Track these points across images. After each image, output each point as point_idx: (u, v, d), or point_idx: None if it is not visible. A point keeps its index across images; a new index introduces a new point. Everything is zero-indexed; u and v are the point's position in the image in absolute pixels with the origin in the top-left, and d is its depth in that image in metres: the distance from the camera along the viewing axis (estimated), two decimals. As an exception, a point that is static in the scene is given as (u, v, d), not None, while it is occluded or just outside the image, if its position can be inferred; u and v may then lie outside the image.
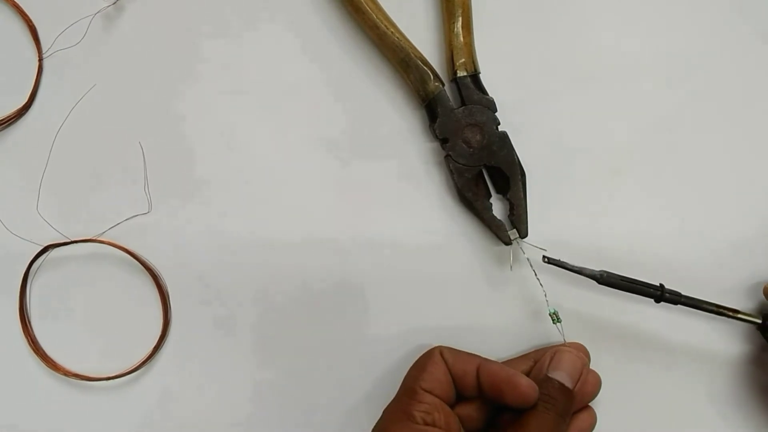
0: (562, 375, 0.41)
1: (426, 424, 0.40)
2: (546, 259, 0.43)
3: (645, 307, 0.45)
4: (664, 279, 0.44)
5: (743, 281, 0.45)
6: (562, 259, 0.43)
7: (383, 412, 0.42)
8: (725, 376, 0.46)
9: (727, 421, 0.46)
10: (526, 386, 0.40)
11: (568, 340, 0.44)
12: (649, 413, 0.46)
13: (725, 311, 0.43)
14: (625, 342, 0.46)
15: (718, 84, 0.46)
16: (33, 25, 0.46)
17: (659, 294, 0.43)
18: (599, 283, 0.42)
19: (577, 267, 0.43)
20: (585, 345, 0.45)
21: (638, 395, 0.46)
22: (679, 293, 0.43)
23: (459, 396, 0.42)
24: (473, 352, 0.43)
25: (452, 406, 0.42)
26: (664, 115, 0.46)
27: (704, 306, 0.43)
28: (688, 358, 0.46)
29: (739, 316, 0.43)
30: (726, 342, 0.46)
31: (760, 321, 0.43)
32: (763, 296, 0.44)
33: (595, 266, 0.43)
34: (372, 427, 0.42)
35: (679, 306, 0.43)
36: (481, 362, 0.42)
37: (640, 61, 0.46)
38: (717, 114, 0.46)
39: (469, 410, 0.42)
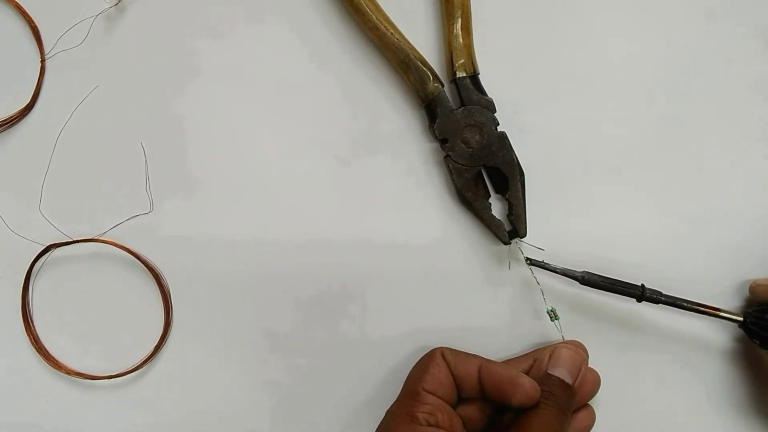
0: (561, 371, 0.41)
1: (429, 425, 0.39)
2: (528, 261, 0.44)
3: (643, 304, 0.45)
4: (662, 278, 0.44)
5: (735, 279, 0.45)
6: (545, 261, 0.44)
7: (386, 413, 0.42)
8: (721, 371, 0.46)
9: (720, 417, 0.45)
10: (529, 386, 0.40)
11: (566, 338, 0.45)
12: (648, 410, 0.46)
13: (706, 309, 0.43)
14: (623, 339, 0.45)
15: (716, 86, 0.46)
16: (35, 26, 0.46)
17: (640, 294, 0.43)
18: (581, 283, 0.43)
19: (560, 268, 0.43)
20: (583, 342, 0.44)
21: (637, 393, 0.46)
22: (660, 292, 0.43)
23: (460, 397, 0.42)
24: (473, 352, 0.43)
25: (454, 407, 0.42)
26: (663, 116, 0.46)
27: (684, 305, 0.43)
28: (687, 355, 0.45)
29: (721, 314, 0.43)
30: (720, 339, 0.46)
31: (741, 319, 0.43)
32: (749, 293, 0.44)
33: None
34: (375, 428, 0.42)
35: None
36: (483, 363, 0.42)
37: (638, 62, 0.46)
38: (714, 116, 0.46)
39: (470, 411, 0.42)
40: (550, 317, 0.44)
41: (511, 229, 0.45)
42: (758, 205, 0.46)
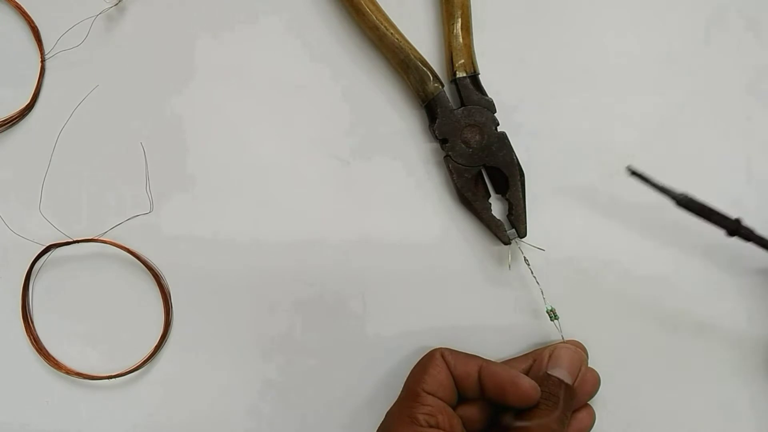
0: (561, 371, 0.41)
1: (429, 426, 0.39)
2: (630, 171, 0.41)
3: (643, 302, 0.45)
4: (664, 278, 0.45)
5: (736, 276, 0.46)
6: (646, 174, 0.41)
7: (386, 414, 0.42)
8: (723, 370, 0.46)
9: (722, 415, 0.45)
10: (528, 386, 0.40)
11: (566, 338, 0.45)
12: (648, 410, 0.45)
13: None
14: (623, 339, 0.45)
15: (717, 85, 0.46)
16: (35, 26, 0.46)
17: (734, 228, 0.40)
18: (677, 205, 0.41)
19: (660, 184, 0.41)
20: (583, 342, 0.44)
21: (637, 393, 0.45)
22: (753, 230, 0.41)
23: (460, 397, 0.42)
24: (473, 353, 0.43)
25: (454, 408, 0.41)
26: (664, 115, 0.46)
27: None
28: (687, 355, 0.45)
29: None
30: (721, 338, 0.45)
31: None
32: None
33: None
34: (375, 429, 0.42)
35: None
36: (483, 363, 0.41)
37: (639, 61, 0.46)
38: (717, 113, 0.46)
39: (471, 411, 0.42)
40: (550, 317, 0.44)
41: (511, 229, 0.45)
42: (759, 203, 0.46)
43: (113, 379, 0.46)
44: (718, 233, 0.42)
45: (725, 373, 0.46)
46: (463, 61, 0.44)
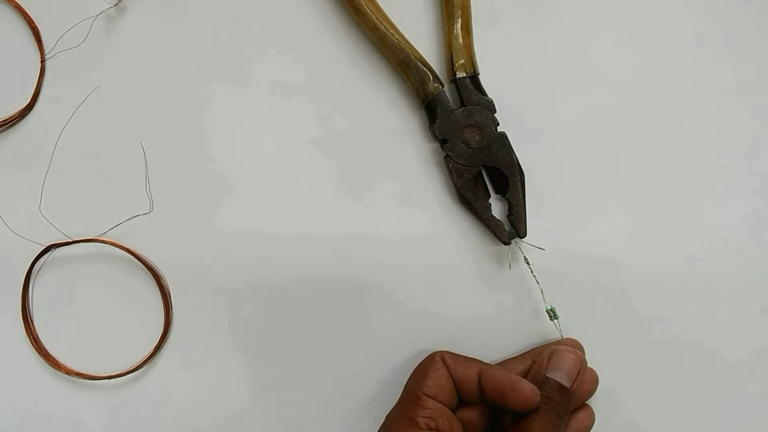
0: (560, 375, 0.41)
1: (429, 429, 0.39)
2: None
3: (642, 302, 0.45)
4: (664, 278, 0.44)
5: (748, 276, 0.45)
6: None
7: (386, 418, 0.42)
8: (725, 369, 0.46)
9: (722, 415, 0.45)
10: (529, 391, 0.40)
11: (565, 336, 0.44)
12: (648, 410, 0.45)
13: None
14: (622, 338, 0.45)
15: (718, 85, 0.45)
16: (35, 26, 0.46)
17: None
18: None
19: None
20: (582, 341, 0.44)
21: (637, 392, 0.45)
22: None
23: (460, 401, 0.42)
24: (473, 352, 0.43)
25: (454, 411, 0.41)
26: (664, 114, 0.45)
27: None
28: (687, 354, 0.45)
29: None
30: (720, 335, 0.46)
31: None
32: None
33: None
34: (374, 432, 0.42)
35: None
36: (483, 367, 0.41)
37: (639, 62, 0.45)
38: (719, 113, 0.45)
39: (470, 415, 0.42)
40: (550, 316, 0.44)
41: (511, 229, 0.44)
42: (760, 202, 0.45)
43: (113, 379, 0.46)
44: (720, 228, 0.42)
45: (726, 372, 0.45)
46: (463, 61, 0.44)
